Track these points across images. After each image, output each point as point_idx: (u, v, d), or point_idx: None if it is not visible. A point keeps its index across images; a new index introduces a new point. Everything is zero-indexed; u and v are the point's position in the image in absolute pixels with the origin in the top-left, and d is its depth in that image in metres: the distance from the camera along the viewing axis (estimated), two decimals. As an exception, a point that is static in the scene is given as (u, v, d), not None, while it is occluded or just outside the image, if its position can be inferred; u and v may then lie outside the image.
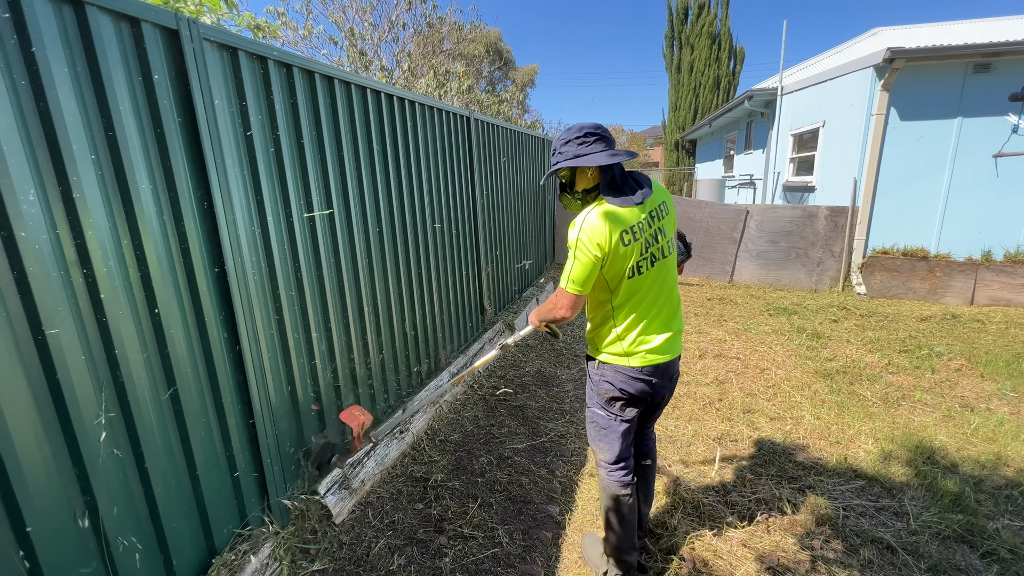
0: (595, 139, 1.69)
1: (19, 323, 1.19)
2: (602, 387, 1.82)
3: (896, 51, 5.76)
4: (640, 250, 1.68)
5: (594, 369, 1.85)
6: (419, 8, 10.12)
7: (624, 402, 1.81)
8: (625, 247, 1.64)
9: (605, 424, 1.86)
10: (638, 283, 1.71)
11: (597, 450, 1.91)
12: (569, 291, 1.70)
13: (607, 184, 1.67)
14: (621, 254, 1.64)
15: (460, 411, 3.34)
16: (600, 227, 1.60)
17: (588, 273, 1.65)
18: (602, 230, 1.60)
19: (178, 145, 1.59)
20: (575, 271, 1.66)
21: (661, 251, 1.73)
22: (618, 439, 1.84)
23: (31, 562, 1.22)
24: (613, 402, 1.82)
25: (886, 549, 2.16)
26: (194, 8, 3.46)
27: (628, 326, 1.74)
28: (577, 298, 1.71)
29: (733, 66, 17.90)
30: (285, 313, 2.05)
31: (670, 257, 1.78)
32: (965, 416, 3.31)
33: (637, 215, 1.67)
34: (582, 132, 1.70)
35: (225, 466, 1.82)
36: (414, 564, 2.07)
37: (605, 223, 1.61)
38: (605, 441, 1.86)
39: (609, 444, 1.85)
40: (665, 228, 1.74)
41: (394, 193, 2.88)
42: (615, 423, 1.84)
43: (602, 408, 1.85)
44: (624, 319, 1.74)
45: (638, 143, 29.38)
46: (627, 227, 1.64)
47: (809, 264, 6.75)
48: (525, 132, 5.84)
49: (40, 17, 1.22)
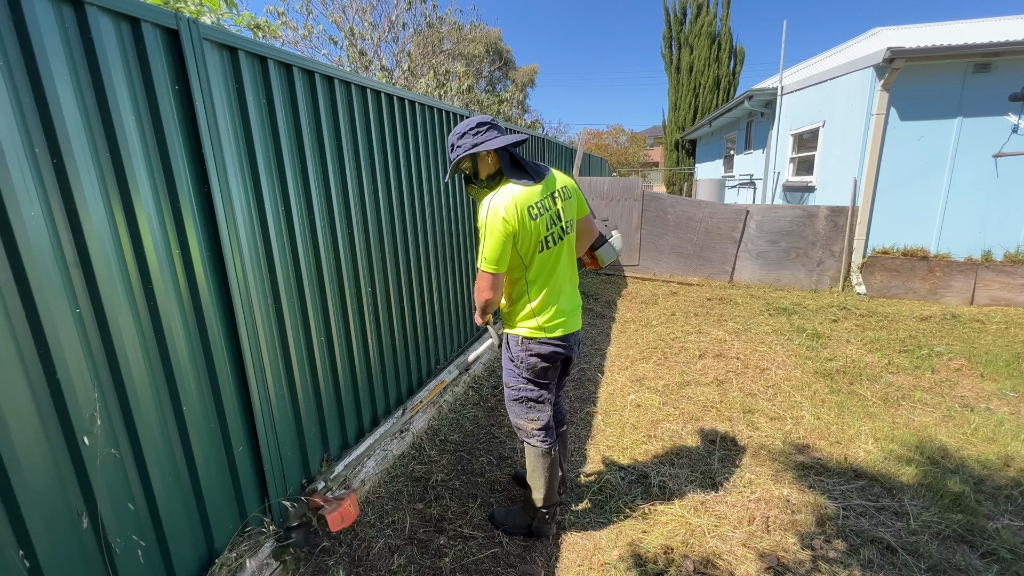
0: (487, 127, 1.80)
1: (19, 323, 1.19)
2: (530, 361, 1.95)
3: (896, 51, 5.76)
4: (547, 224, 1.81)
5: (517, 346, 1.96)
6: (419, 8, 10.12)
7: (551, 368, 1.97)
8: (533, 220, 1.76)
9: (536, 396, 2.01)
10: (547, 257, 1.85)
11: (527, 422, 2.05)
12: (486, 271, 1.77)
13: (508, 164, 1.80)
14: (530, 228, 1.76)
15: (460, 411, 3.34)
16: (508, 203, 1.72)
17: (502, 250, 1.73)
18: (510, 206, 1.71)
19: (178, 145, 1.58)
20: (489, 249, 1.74)
21: (563, 230, 1.88)
22: (548, 407, 2.04)
23: (31, 562, 1.22)
24: (544, 372, 1.97)
25: (886, 549, 2.16)
26: (194, 8, 3.46)
27: (542, 300, 1.88)
28: (495, 276, 1.78)
29: (733, 66, 17.90)
30: (285, 313, 2.05)
31: (568, 237, 1.92)
32: (965, 416, 3.31)
33: (540, 192, 1.80)
34: (475, 123, 1.80)
35: (225, 466, 1.82)
36: (414, 564, 2.07)
37: (512, 199, 1.72)
38: (536, 411, 2.03)
39: (540, 413, 2.03)
40: (565, 210, 1.88)
41: (394, 193, 2.88)
42: (546, 392, 2.02)
43: (531, 382, 2.00)
44: (538, 294, 1.88)
45: (638, 143, 29.36)
46: (532, 202, 1.76)
47: (809, 264, 6.75)
48: (525, 132, 5.84)
49: (40, 17, 1.22)
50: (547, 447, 2.04)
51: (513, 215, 1.71)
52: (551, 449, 2.05)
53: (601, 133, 28.72)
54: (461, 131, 1.82)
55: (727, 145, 13.39)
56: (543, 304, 1.88)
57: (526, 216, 1.73)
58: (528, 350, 1.93)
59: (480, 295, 1.84)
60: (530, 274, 1.85)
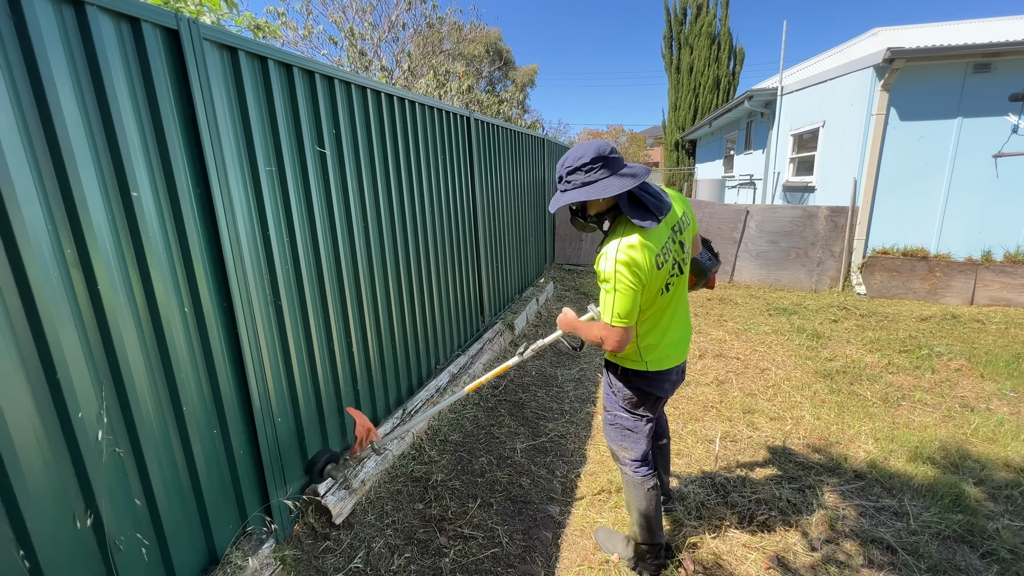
0: (600, 165, 1.58)
1: (19, 323, 1.19)
2: (626, 392, 1.87)
3: (896, 51, 5.76)
4: (669, 269, 1.68)
5: (616, 377, 1.88)
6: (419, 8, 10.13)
7: (652, 403, 1.88)
8: (659, 271, 1.62)
9: (631, 426, 1.90)
10: (664, 299, 1.73)
11: (621, 450, 1.95)
12: (617, 326, 1.61)
13: (627, 203, 1.60)
14: (655, 278, 1.61)
15: (460, 411, 3.34)
16: (637, 257, 1.54)
17: (632, 304, 1.58)
18: (639, 259, 1.54)
19: (178, 145, 1.58)
20: (619, 305, 1.57)
21: (683, 264, 1.77)
22: (644, 439, 1.90)
23: (31, 561, 1.22)
24: (640, 404, 1.87)
25: (886, 549, 2.16)
26: (194, 8, 3.46)
27: (650, 338, 1.78)
28: (626, 331, 1.62)
29: (733, 66, 17.90)
30: (285, 313, 2.05)
31: (687, 268, 1.82)
32: (965, 416, 3.31)
33: (663, 234, 1.65)
34: (589, 159, 1.59)
35: (225, 466, 1.82)
36: (414, 564, 2.07)
37: (641, 251, 1.55)
38: (630, 441, 1.92)
39: (635, 444, 1.91)
40: (685, 241, 1.77)
41: (394, 193, 2.88)
42: (642, 424, 1.89)
43: (627, 411, 1.90)
44: (646, 333, 1.77)
45: (638, 143, 29.38)
46: (659, 250, 1.61)
47: (809, 264, 6.75)
48: (525, 132, 5.84)
49: (40, 17, 1.22)
50: (640, 478, 1.90)
51: (643, 270, 1.55)
52: (645, 481, 1.89)
53: (601, 133, 28.74)
54: (571, 166, 1.62)
55: (727, 145, 13.39)
56: (649, 342, 1.78)
57: (653, 267, 1.58)
58: (629, 382, 1.85)
59: (606, 346, 1.66)
60: (643, 315, 1.73)
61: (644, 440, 1.90)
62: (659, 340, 1.78)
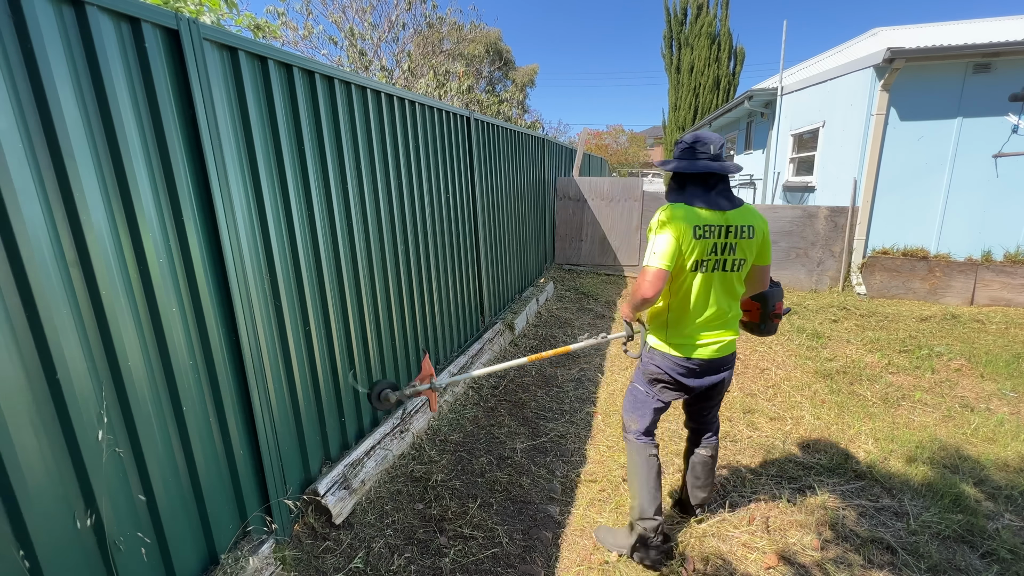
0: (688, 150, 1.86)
1: (19, 323, 1.19)
2: (649, 368, 2.02)
3: (896, 51, 5.76)
4: (708, 249, 1.81)
5: (646, 352, 2.04)
6: (419, 8, 10.13)
7: (665, 385, 2.00)
8: (695, 239, 1.77)
9: (642, 398, 2.06)
10: (698, 280, 1.84)
11: (629, 420, 2.10)
12: (651, 264, 1.76)
13: (693, 185, 1.84)
14: (690, 245, 1.77)
15: (460, 411, 3.34)
16: (678, 214, 1.77)
17: (666, 248, 1.74)
18: (679, 217, 1.77)
19: (178, 145, 1.58)
20: (658, 245, 1.76)
21: (726, 264, 1.86)
22: (650, 414, 2.05)
23: (31, 561, 1.22)
24: (655, 383, 2.02)
25: (886, 549, 2.16)
26: (194, 8, 3.46)
27: (676, 316, 1.91)
28: (659, 271, 1.75)
29: (733, 66, 17.91)
30: (285, 313, 2.05)
31: (734, 274, 1.88)
32: (965, 416, 3.31)
33: (712, 219, 1.80)
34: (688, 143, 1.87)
35: (225, 466, 1.82)
36: (414, 564, 2.07)
37: (682, 211, 1.78)
38: (637, 412, 2.07)
39: (640, 416, 2.06)
40: (740, 247, 1.86)
41: (394, 193, 2.88)
42: (650, 400, 2.04)
43: (644, 385, 2.06)
44: (675, 308, 1.90)
45: (638, 143, 29.39)
46: (701, 223, 1.78)
47: (809, 264, 6.75)
48: (525, 132, 5.84)
49: (40, 17, 1.22)
50: (641, 444, 2.04)
51: (677, 225, 1.76)
52: (646, 447, 2.03)
53: (601, 133, 28.75)
54: (682, 144, 1.90)
55: (727, 145, 13.39)
56: (676, 320, 1.91)
57: (689, 232, 1.76)
58: (652, 359, 2.00)
59: (639, 291, 1.80)
60: (674, 286, 1.86)
61: (650, 416, 2.05)
62: (685, 319, 1.89)
